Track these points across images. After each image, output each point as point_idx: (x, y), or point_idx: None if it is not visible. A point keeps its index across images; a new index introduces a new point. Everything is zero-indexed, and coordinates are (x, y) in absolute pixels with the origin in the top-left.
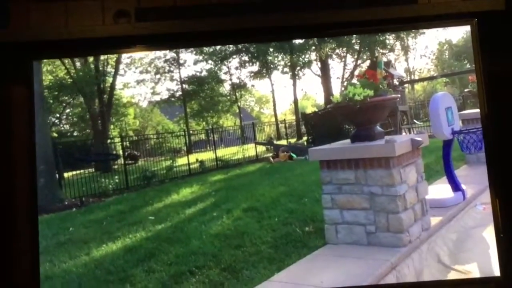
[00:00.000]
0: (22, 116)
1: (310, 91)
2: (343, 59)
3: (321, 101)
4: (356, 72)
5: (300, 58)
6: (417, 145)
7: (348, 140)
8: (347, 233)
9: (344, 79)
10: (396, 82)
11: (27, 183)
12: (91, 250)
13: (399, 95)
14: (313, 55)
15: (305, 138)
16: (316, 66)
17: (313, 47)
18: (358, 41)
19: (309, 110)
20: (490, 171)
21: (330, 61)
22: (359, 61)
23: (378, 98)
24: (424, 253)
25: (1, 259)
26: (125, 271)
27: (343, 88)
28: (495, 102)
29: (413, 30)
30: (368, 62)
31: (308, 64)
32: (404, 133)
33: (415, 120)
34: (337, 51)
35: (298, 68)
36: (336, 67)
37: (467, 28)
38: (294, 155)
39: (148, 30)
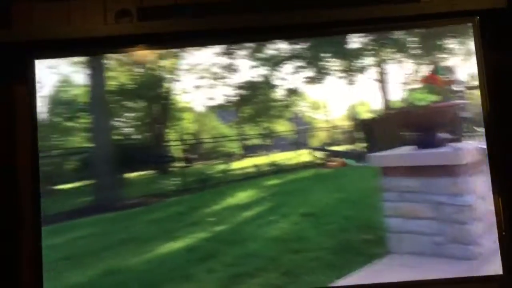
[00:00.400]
0: (24, 116)
1: (366, 96)
2: (402, 64)
3: (377, 106)
4: (417, 77)
5: (356, 63)
6: (485, 153)
7: (409, 147)
8: (412, 243)
9: (404, 84)
10: (458, 87)
11: (30, 183)
12: (154, 248)
13: (464, 101)
14: (370, 60)
15: (361, 144)
16: (373, 71)
17: (370, 52)
18: (418, 45)
19: (365, 115)
20: (492, 169)
21: (388, 65)
22: (419, 66)
23: (442, 104)
24: (496, 266)
25: (4, 266)
26: (187, 269)
27: (403, 93)
28: (497, 100)
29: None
30: (429, 67)
31: (364, 69)
32: (467, 141)
33: (477, 128)
34: (395, 55)
35: (354, 73)
36: (394, 72)
37: None
38: (349, 161)
39: (150, 29)
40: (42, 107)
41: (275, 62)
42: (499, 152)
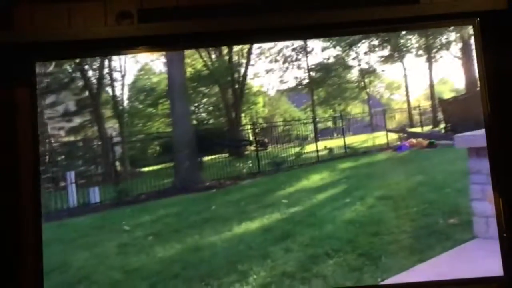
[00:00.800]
0: (25, 117)
1: (448, 74)
2: None
3: (460, 85)
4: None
5: (437, 40)
6: None
7: None
8: None
9: None
10: None
11: (31, 184)
12: (232, 227)
13: None
14: (452, 35)
15: (442, 125)
16: (455, 48)
17: (453, 27)
18: None
19: (447, 95)
20: (493, 170)
21: (472, 41)
22: None
23: None
24: None
25: (5, 262)
26: (265, 248)
27: None
28: (498, 101)
29: None
30: None
31: (446, 45)
32: None
33: None
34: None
35: (435, 50)
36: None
37: None
38: (429, 142)
39: (150, 31)
40: (124, 95)
41: (348, 42)
42: (500, 152)
